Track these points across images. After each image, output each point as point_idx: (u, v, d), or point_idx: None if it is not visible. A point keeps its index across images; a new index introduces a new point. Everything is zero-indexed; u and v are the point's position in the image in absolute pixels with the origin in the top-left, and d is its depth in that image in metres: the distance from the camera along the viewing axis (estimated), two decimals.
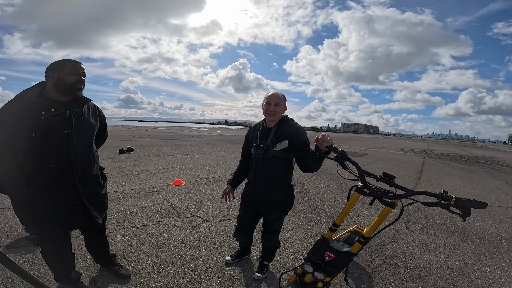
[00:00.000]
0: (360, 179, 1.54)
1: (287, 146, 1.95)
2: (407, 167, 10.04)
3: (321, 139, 1.63)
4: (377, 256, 2.86)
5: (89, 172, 1.74)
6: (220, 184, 5.37)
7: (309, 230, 3.42)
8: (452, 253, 3.09)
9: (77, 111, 1.66)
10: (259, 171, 2.07)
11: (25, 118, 1.51)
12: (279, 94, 2.03)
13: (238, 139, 18.83)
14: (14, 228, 2.81)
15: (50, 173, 1.58)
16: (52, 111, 1.57)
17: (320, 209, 4.29)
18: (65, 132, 1.59)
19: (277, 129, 2.01)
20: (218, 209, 3.91)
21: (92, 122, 1.79)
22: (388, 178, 1.47)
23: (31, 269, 2.12)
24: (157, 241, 2.80)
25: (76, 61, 1.68)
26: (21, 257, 2.29)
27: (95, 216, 1.78)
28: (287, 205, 2.14)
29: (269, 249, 2.32)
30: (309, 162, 1.82)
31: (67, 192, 1.65)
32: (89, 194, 1.74)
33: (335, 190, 5.59)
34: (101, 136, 2.02)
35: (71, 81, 1.61)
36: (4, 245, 2.47)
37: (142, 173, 5.95)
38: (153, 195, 4.37)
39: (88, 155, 1.74)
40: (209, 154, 9.88)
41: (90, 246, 2.07)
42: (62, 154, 1.59)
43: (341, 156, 1.60)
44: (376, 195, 1.47)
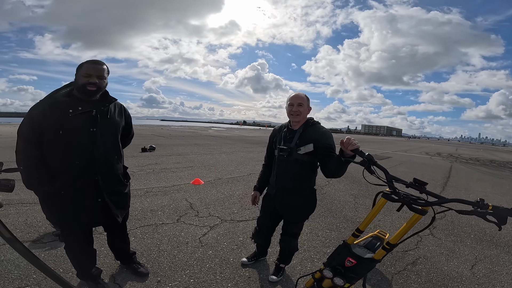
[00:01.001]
0: (388, 184, 1.47)
1: (311, 150, 1.90)
2: (432, 172, 9.60)
3: (346, 142, 1.57)
4: (398, 262, 2.77)
5: (112, 170, 1.76)
6: (238, 185, 5.40)
7: (327, 233, 3.36)
8: (479, 260, 2.97)
9: (103, 110, 1.69)
10: (281, 174, 2.05)
11: (53, 116, 1.57)
12: (301, 95, 2.00)
13: (256, 140, 18.86)
14: (42, 223, 2.96)
15: (74, 170, 1.61)
16: (80, 109, 1.61)
17: (339, 213, 4.19)
18: (90, 130, 1.63)
19: (302, 131, 1.98)
20: (235, 210, 3.92)
21: (118, 121, 1.81)
22: (419, 184, 1.40)
23: (55, 265, 2.21)
24: (175, 239, 2.85)
25: (92, 62, 1.68)
26: (46, 252, 2.39)
27: (115, 214, 1.80)
28: (308, 209, 2.10)
29: (286, 252, 2.29)
30: (333, 166, 1.77)
31: (90, 190, 1.68)
32: (111, 192, 1.76)
33: (355, 193, 5.45)
34: (127, 135, 2.03)
35: (82, 83, 1.63)
36: (31, 240, 2.60)
37: (162, 172, 6.10)
38: (173, 194, 4.46)
39: (112, 154, 1.76)
40: (227, 154, 9.97)
41: (112, 243, 2.13)
42: (86, 152, 1.62)
43: (368, 160, 1.53)
44: (405, 201, 1.40)
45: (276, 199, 2.10)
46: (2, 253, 2.30)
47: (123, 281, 2.10)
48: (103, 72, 1.68)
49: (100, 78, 1.66)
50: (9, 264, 2.15)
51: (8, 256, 2.25)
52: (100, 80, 1.66)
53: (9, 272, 2.05)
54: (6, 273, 2.04)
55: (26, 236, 2.64)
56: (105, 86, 1.73)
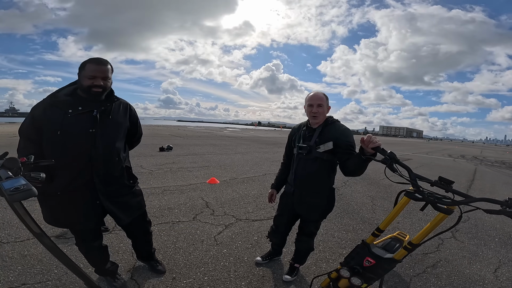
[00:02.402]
0: (412, 183, 1.41)
1: (331, 148, 1.87)
2: (456, 174, 9.22)
3: (366, 140, 1.52)
4: (418, 264, 2.68)
5: (112, 172, 1.70)
6: (253, 184, 5.40)
7: (343, 235, 3.29)
8: (502, 264, 2.86)
9: (104, 110, 1.64)
10: (300, 172, 2.02)
11: (53, 115, 1.54)
12: (320, 95, 1.95)
13: (271, 141, 18.83)
14: None
15: (72, 171, 1.58)
16: (80, 109, 1.57)
17: (356, 214, 4.10)
18: (89, 131, 1.58)
19: (322, 130, 1.94)
20: (250, 209, 3.92)
21: (121, 121, 1.75)
22: (445, 183, 1.34)
23: (76, 260, 2.24)
24: (191, 237, 2.88)
25: (95, 62, 1.60)
26: (68, 247, 2.47)
27: (117, 218, 1.76)
28: (326, 209, 2.07)
29: (302, 252, 2.26)
30: (353, 165, 1.72)
31: (87, 191, 1.64)
32: (110, 194, 1.71)
33: (373, 195, 5.30)
34: (133, 136, 1.95)
35: (87, 85, 1.58)
36: (54, 236, 2.68)
37: (179, 171, 6.21)
38: (189, 193, 4.52)
39: (112, 155, 1.69)
40: (242, 154, 10.01)
41: (134, 246, 2.13)
42: (84, 153, 1.58)
43: (390, 158, 1.46)
44: (430, 200, 1.34)
45: (294, 197, 2.07)
46: (26, 248, 2.41)
47: (140, 277, 2.14)
48: (107, 73, 1.62)
49: (105, 79, 1.61)
50: (32, 258, 2.24)
51: (32, 251, 2.35)
52: (105, 81, 1.61)
53: (32, 267, 2.14)
54: (29, 268, 2.12)
55: (50, 232, 2.74)
56: (110, 86, 1.68)
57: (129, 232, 2.01)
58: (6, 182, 1.12)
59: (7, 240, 2.53)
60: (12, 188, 1.10)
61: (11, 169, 1.21)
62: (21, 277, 2.01)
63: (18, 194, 1.10)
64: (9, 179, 1.14)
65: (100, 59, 1.62)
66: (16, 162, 1.25)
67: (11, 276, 2.02)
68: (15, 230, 2.72)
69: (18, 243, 2.48)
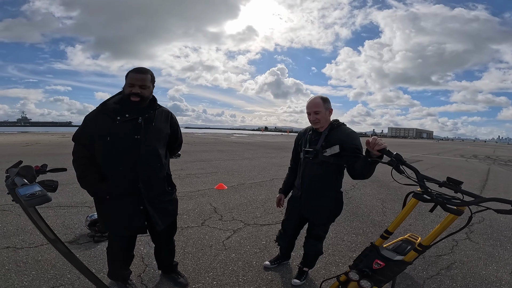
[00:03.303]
0: (419, 184, 1.40)
1: (338, 152, 1.87)
2: (469, 175, 9.03)
3: (372, 142, 1.52)
4: (431, 266, 2.63)
5: (155, 178, 1.75)
6: (261, 190, 5.40)
7: (353, 238, 3.25)
8: None
9: (148, 117, 1.70)
10: (307, 176, 2.03)
11: (104, 122, 1.64)
12: (315, 101, 1.96)
13: (278, 145, 18.79)
14: (78, 225, 3.14)
15: (119, 176, 1.65)
16: (127, 116, 1.65)
17: (366, 217, 4.05)
18: (134, 137, 1.65)
19: (328, 133, 1.95)
20: (259, 214, 3.92)
21: (163, 129, 1.79)
22: (453, 183, 1.32)
23: (88, 265, 2.28)
24: (200, 242, 2.90)
25: (135, 71, 1.68)
26: (81, 252, 2.53)
27: (155, 223, 1.76)
28: (334, 212, 2.06)
29: (310, 256, 2.24)
30: (360, 167, 1.71)
31: (132, 196, 1.69)
32: (153, 200, 1.75)
33: (383, 198, 5.24)
34: (174, 143, 1.99)
35: (127, 93, 1.66)
36: (67, 241, 2.75)
37: (188, 177, 6.26)
38: (198, 198, 4.55)
39: (154, 161, 1.74)
40: (250, 160, 10.02)
41: (158, 254, 2.13)
42: (130, 159, 1.64)
43: (396, 160, 1.46)
44: (439, 201, 1.32)
45: (301, 201, 2.07)
46: (40, 253, 2.46)
47: (150, 282, 2.16)
48: (145, 82, 1.67)
49: (143, 87, 1.66)
50: (45, 264, 2.30)
51: (46, 256, 2.40)
52: (143, 89, 1.66)
53: (45, 272, 2.19)
54: (43, 273, 2.17)
55: (63, 237, 2.81)
56: (149, 94, 1.73)
57: (155, 236, 2.00)
58: (22, 188, 1.17)
59: (21, 245, 2.60)
60: (28, 194, 1.14)
61: (26, 176, 1.27)
62: (35, 282, 2.05)
63: (33, 200, 1.14)
64: (24, 186, 1.19)
65: (140, 68, 1.71)
66: (31, 169, 1.31)
67: (25, 281, 2.06)
68: (29, 236, 2.79)
69: (32, 249, 2.54)
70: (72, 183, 5.07)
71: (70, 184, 4.99)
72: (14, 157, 8.27)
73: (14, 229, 2.95)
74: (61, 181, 1.32)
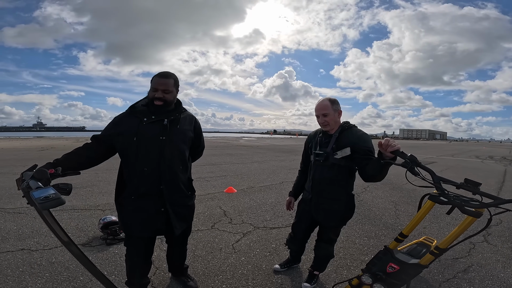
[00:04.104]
0: (436, 186, 1.37)
1: (349, 154, 1.83)
2: (485, 176, 8.72)
3: (384, 144, 1.48)
4: (447, 270, 2.56)
5: (177, 180, 1.75)
6: (270, 193, 5.37)
7: (365, 241, 3.18)
8: None
9: (173, 119, 1.72)
10: (317, 179, 2.00)
11: (131, 123, 1.66)
12: (323, 103, 1.94)
13: (287, 148, 18.72)
14: (91, 228, 3.20)
15: (143, 177, 1.66)
16: (153, 118, 1.67)
17: (379, 220, 3.96)
18: (160, 138, 1.66)
19: (338, 136, 1.92)
20: (268, 217, 3.89)
21: (187, 132, 1.80)
22: (471, 185, 1.29)
23: (100, 267, 2.32)
24: (209, 245, 2.90)
25: (159, 76, 1.69)
26: (93, 255, 2.56)
27: (174, 226, 1.75)
28: (346, 215, 2.02)
29: (321, 259, 2.21)
30: (372, 169, 1.67)
31: (155, 198, 1.69)
32: (174, 202, 1.75)
33: (396, 200, 5.12)
34: (197, 148, 2.00)
35: (151, 96, 1.68)
36: (81, 244, 2.79)
37: (197, 180, 6.28)
38: (207, 202, 4.57)
39: (178, 164, 1.74)
40: (259, 163, 10.01)
41: (170, 255, 2.12)
42: (154, 159, 1.65)
43: (410, 161, 1.42)
44: (456, 203, 1.29)
45: (312, 204, 2.05)
46: (54, 255, 2.51)
47: (160, 285, 2.17)
48: (168, 86, 1.68)
49: (166, 92, 1.67)
50: (59, 266, 2.34)
51: (59, 259, 2.45)
52: (166, 94, 1.67)
53: (59, 274, 2.23)
54: (56, 275, 2.21)
55: (76, 240, 2.86)
56: (173, 99, 1.74)
57: (170, 238, 1.99)
58: (36, 191, 1.20)
59: (36, 248, 2.66)
60: (42, 197, 1.17)
61: (40, 179, 1.29)
62: (48, 284, 2.09)
63: (48, 203, 1.17)
64: (39, 189, 1.21)
65: (164, 73, 1.72)
66: (45, 173, 1.33)
67: (38, 283, 2.11)
68: (43, 238, 2.86)
69: (46, 251, 2.60)
70: (86, 186, 5.19)
71: (84, 187, 5.12)
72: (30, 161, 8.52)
73: (29, 232, 3.03)
74: (75, 184, 1.34)
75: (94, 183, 5.48)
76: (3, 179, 5.96)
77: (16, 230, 3.07)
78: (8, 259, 2.42)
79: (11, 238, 2.88)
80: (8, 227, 3.17)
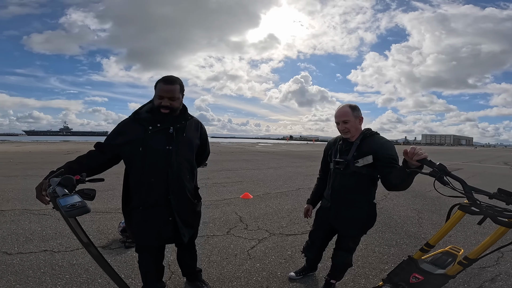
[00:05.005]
0: (467, 196, 1.31)
1: (371, 162, 1.77)
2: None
3: (410, 152, 1.41)
4: (473, 279, 2.41)
5: (184, 190, 1.73)
6: (287, 199, 5.30)
7: (385, 249, 3.06)
8: None
9: (179, 127, 1.69)
10: (337, 187, 1.95)
11: (136, 132, 1.62)
12: (343, 110, 1.88)
13: (304, 154, 18.53)
14: (111, 231, 3.28)
15: (150, 188, 1.63)
16: (158, 126, 1.63)
17: (400, 228, 3.80)
18: (166, 148, 1.63)
19: (360, 143, 1.86)
20: (284, 224, 3.84)
21: (193, 140, 1.78)
22: (505, 195, 1.23)
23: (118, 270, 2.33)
24: (224, 251, 2.88)
25: (164, 82, 1.63)
26: (112, 258, 2.61)
27: (182, 234, 1.74)
28: (367, 224, 1.95)
29: (339, 267, 2.13)
30: (397, 178, 1.60)
31: (162, 208, 1.67)
32: (182, 211, 1.73)
33: (419, 208, 4.90)
34: (202, 154, 1.96)
35: (156, 104, 1.63)
36: (101, 246, 2.86)
37: (214, 186, 6.34)
38: (223, 207, 4.58)
39: (185, 173, 1.72)
40: (275, 169, 9.95)
41: (181, 259, 2.12)
42: (161, 170, 1.62)
43: (439, 170, 1.35)
44: (489, 214, 1.23)
45: (331, 212, 1.99)
46: (75, 257, 2.59)
47: None
48: (175, 93, 1.63)
49: (173, 99, 1.63)
50: (79, 268, 2.40)
51: (80, 261, 2.52)
52: (172, 101, 1.63)
53: (78, 276, 2.28)
54: (76, 277, 2.27)
55: (97, 242, 2.94)
56: (179, 105, 1.70)
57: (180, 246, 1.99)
58: (63, 199, 1.23)
59: (58, 249, 2.76)
60: (69, 205, 1.20)
61: (67, 186, 1.32)
62: (68, 286, 2.15)
63: (74, 211, 1.19)
64: (65, 196, 1.24)
65: (169, 78, 1.65)
66: (72, 180, 1.36)
67: (58, 284, 2.16)
68: (66, 240, 2.96)
69: (68, 253, 2.68)
70: (107, 189, 5.35)
71: (106, 190, 5.28)
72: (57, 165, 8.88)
73: (52, 233, 3.15)
74: (97, 187, 1.37)
75: (115, 187, 5.64)
76: (30, 181, 6.28)
77: (40, 231, 3.21)
78: (31, 260, 2.52)
79: (35, 239, 3.00)
80: (33, 228, 3.32)
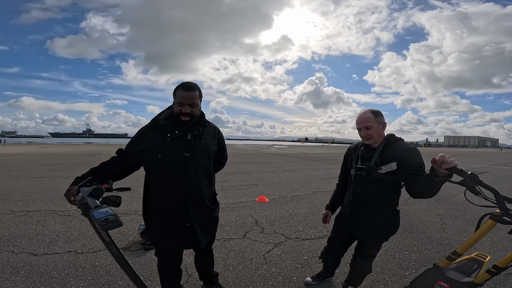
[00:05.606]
0: (499, 206, 1.26)
1: (394, 169, 1.71)
2: None
3: (439, 160, 1.36)
4: (499, 285, 2.33)
5: (202, 196, 1.74)
6: (303, 203, 5.25)
7: (406, 255, 2.96)
8: None
9: (197, 134, 1.69)
10: (358, 194, 1.90)
11: (154, 139, 1.65)
12: (365, 116, 1.83)
13: (320, 157, 18.29)
14: (132, 233, 3.36)
15: (169, 194, 1.66)
16: (176, 133, 1.64)
17: (422, 234, 3.67)
18: (184, 155, 1.64)
19: (383, 149, 1.80)
20: (301, 228, 3.80)
21: (210, 146, 1.78)
22: None
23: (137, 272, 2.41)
24: (240, 255, 2.89)
25: (184, 89, 1.63)
26: (132, 259, 2.67)
27: (199, 240, 1.76)
28: (390, 231, 1.89)
29: (357, 274, 2.08)
30: (423, 186, 1.53)
31: (181, 214, 1.69)
32: (200, 217, 1.74)
33: (442, 213, 4.71)
34: (220, 160, 1.97)
35: (176, 111, 1.63)
36: (121, 247, 2.94)
37: (230, 189, 6.38)
38: (239, 210, 4.59)
39: (203, 180, 1.74)
40: (291, 172, 9.88)
41: (198, 263, 2.13)
42: (180, 177, 1.64)
43: (471, 180, 1.30)
44: None
45: (351, 219, 1.95)
46: (97, 258, 2.67)
47: None
48: (194, 100, 1.64)
49: (193, 106, 1.63)
50: (101, 269, 2.48)
51: (102, 262, 2.60)
52: (192, 108, 1.63)
53: (100, 277, 2.35)
54: (98, 278, 2.34)
55: (117, 243, 3.00)
56: (198, 112, 1.71)
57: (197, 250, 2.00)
58: (96, 211, 1.27)
59: (82, 250, 2.86)
60: (103, 218, 1.24)
61: (98, 197, 1.37)
62: (90, 287, 2.21)
63: (108, 225, 1.24)
64: (97, 209, 1.29)
65: (188, 85, 1.65)
66: (102, 191, 1.41)
67: (81, 286, 2.24)
68: (89, 241, 3.06)
69: (91, 254, 2.78)
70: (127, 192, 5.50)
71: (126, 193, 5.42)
72: (80, 166, 9.30)
73: (77, 234, 3.28)
74: None
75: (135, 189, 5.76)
76: (55, 182, 6.57)
77: (65, 232, 3.34)
78: (55, 261, 2.62)
79: (59, 240, 3.13)
80: (58, 229, 3.46)
